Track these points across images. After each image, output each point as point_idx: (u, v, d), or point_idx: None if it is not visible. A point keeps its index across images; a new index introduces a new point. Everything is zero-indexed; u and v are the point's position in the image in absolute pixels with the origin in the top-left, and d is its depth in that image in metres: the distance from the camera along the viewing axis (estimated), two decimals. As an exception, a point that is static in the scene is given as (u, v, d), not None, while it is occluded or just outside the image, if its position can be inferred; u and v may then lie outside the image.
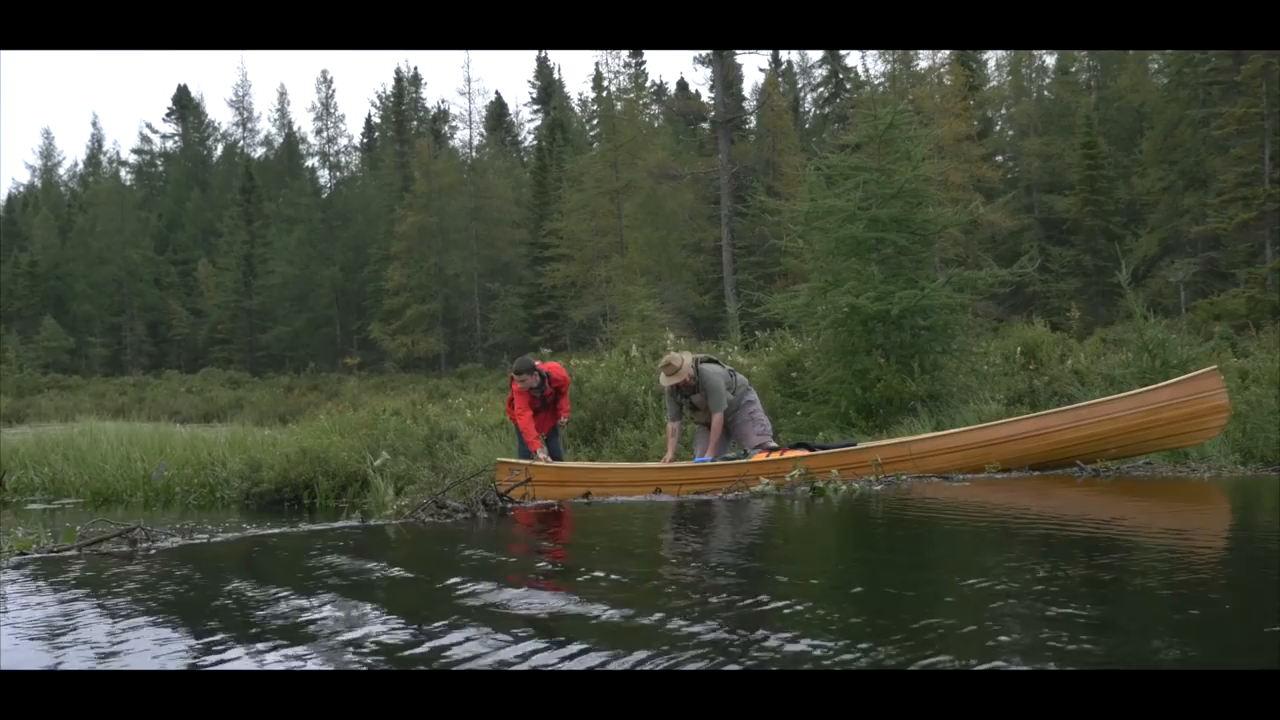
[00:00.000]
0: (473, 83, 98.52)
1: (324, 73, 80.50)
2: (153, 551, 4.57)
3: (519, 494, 6.20)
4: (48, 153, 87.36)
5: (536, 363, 9.07)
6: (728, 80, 41.74)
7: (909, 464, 7.33)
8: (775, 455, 7.60)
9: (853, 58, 60.47)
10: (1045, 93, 53.85)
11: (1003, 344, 14.25)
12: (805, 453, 7.55)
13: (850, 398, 11.47)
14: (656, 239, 41.17)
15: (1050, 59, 54.33)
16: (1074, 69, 54.63)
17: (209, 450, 13.75)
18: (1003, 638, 2.42)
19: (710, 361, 8.21)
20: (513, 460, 8.32)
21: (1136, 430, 7.33)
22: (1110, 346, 16.68)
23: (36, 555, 4.49)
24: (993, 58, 56.12)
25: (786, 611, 2.78)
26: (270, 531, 5.27)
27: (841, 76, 58.95)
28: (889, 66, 50.34)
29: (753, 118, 53.92)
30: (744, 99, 52.16)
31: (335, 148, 74.25)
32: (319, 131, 74.05)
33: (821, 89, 65.48)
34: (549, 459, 8.35)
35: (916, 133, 12.97)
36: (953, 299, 11.67)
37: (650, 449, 11.29)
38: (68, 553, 4.54)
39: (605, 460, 11.37)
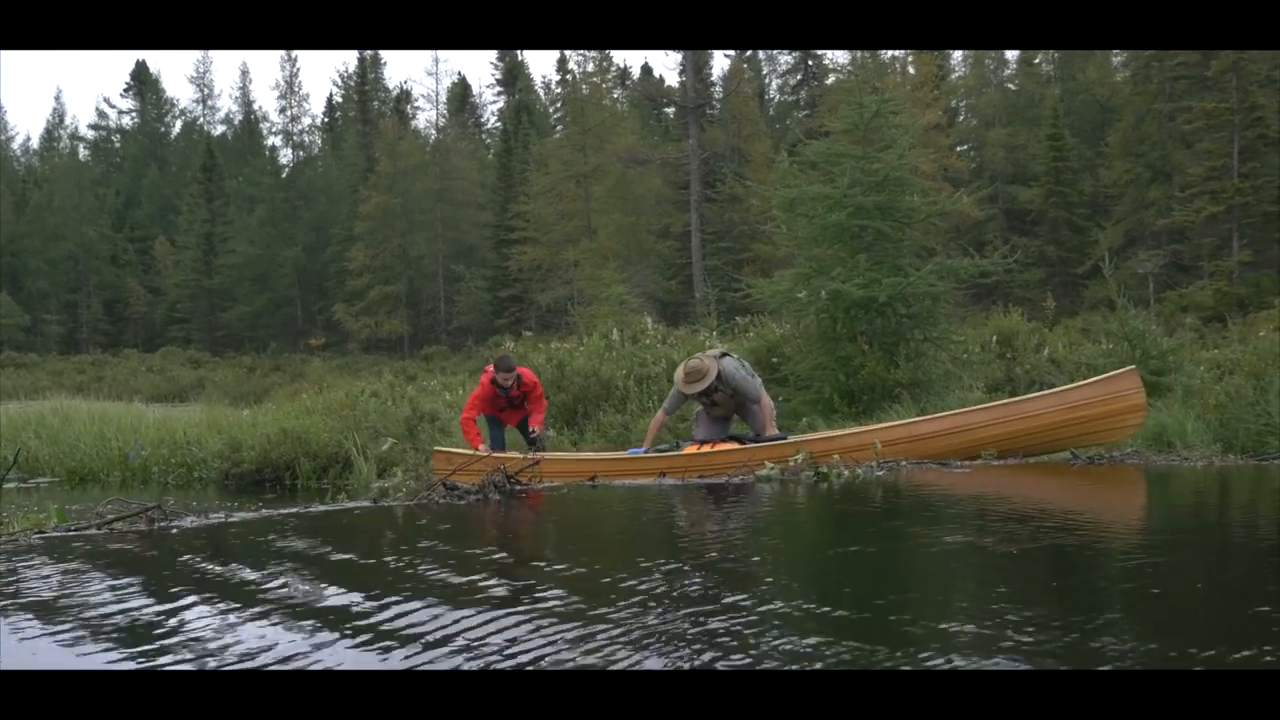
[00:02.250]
0: (440, 63, 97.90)
1: (288, 51, 79.27)
2: (174, 531, 4.53)
3: (526, 477, 6.22)
4: (1, 127, 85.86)
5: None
6: (697, 66, 41.70)
7: (845, 456, 7.35)
8: (707, 448, 7.71)
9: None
10: (1009, 85, 54.24)
11: (978, 333, 14.39)
12: (736, 445, 7.68)
13: (834, 384, 11.55)
14: (626, 224, 41.10)
15: (1012, 51, 54.77)
16: (1037, 60, 55.08)
17: (184, 430, 13.63)
18: (969, 634, 2.40)
19: (724, 356, 8.20)
20: (451, 449, 8.51)
21: (1056, 427, 7.49)
22: (1079, 336, 16.87)
23: (55, 534, 4.43)
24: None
25: (769, 608, 2.79)
26: (285, 511, 5.23)
27: (811, 64, 59.01)
28: (854, 55, 50.52)
29: (719, 104, 53.96)
30: (713, 84, 52.11)
31: (299, 127, 73.60)
32: (283, 110, 73.36)
33: (788, 76, 65.63)
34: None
35: (903, 121, 13.07)
36: (935, 287, 11.78)
37: (632, 433, 11.31)
38: (88, 531, 4.49)
39: (587, 444, 11.41)
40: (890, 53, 47.56)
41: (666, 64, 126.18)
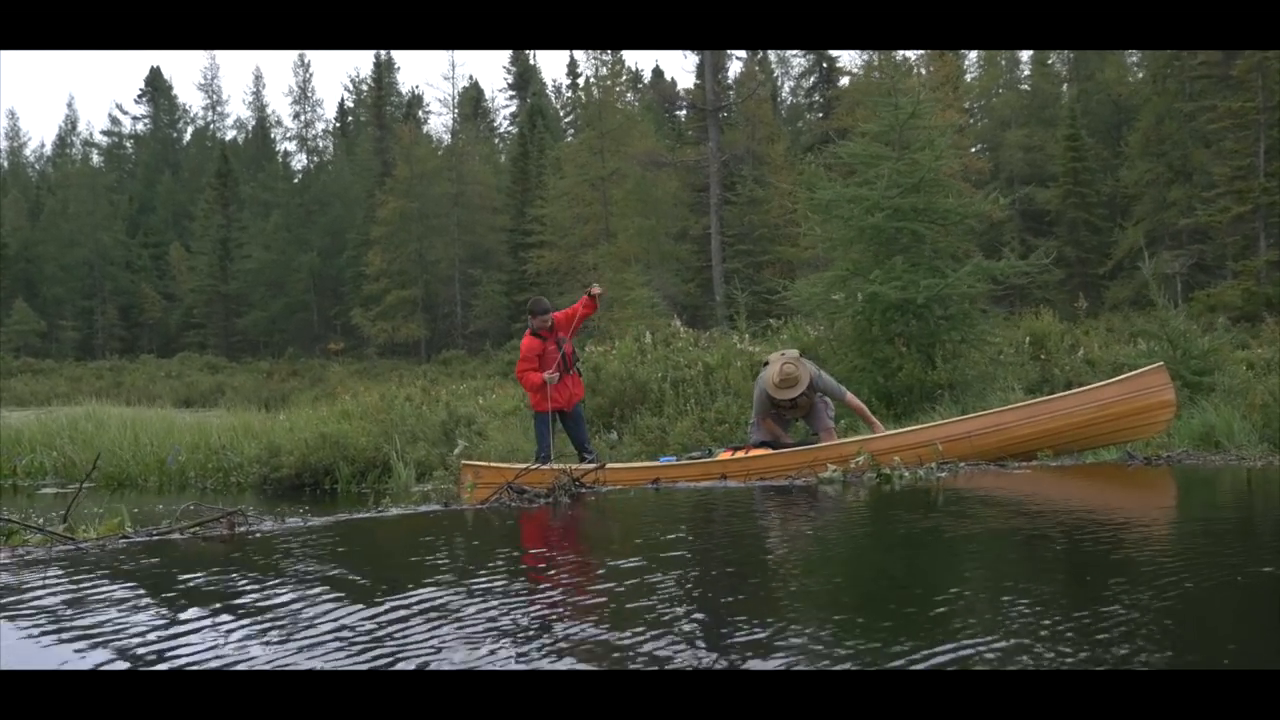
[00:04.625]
0: (456, 68, 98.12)
1: (301, 55, 79.43)
2: (255, 536, 4.53)
3: (590, 480, 6.23)
4: (14, 133, 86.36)
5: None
6: (715, 68, 41.65)
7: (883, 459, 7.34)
8: (741, 454, 7.70)
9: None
10: (1024, 86, 54.15)
11: (1009, 334, 14.34)
12: (769, 451, 7.64)
13: (872, 386, 11.51)
14: (646, 227, 41.02)
15: (1026, 52, 54.68)
16: (1051, 60, 54.98)
17: (218, 435, 13.65)
18: (1007, 636, 2.39)
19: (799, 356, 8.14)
20: (479, 463, 8.43)
21: (1090, 424, 7.53)
22: (1108, 336, 16.79)
23: (139, 539, 4.43)
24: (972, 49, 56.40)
25: (808, 614, 2.78)
26: (361, 516, 5.24)
27: (825, 66, 58.90)
28: (869, 57, 50.46)
29: (733, 106, 53.88)
30: (729, 87, 52.10)
31: (313, 132, 73.79)
32: (296, 115, 73.59)
33: (802, 79, 65.57)
34: (547, 457, 8.50)
35: (939, 122, 13.04)
36: (974, 288, 11.75)
37: (670, 436, 11.28)
38: (170, 536, 4.49)
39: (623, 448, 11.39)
40: (903, 54, 47.54)
41: (685, 66, 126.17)
